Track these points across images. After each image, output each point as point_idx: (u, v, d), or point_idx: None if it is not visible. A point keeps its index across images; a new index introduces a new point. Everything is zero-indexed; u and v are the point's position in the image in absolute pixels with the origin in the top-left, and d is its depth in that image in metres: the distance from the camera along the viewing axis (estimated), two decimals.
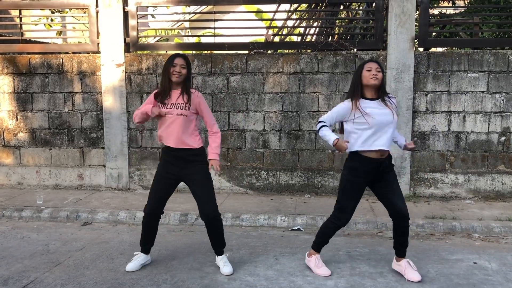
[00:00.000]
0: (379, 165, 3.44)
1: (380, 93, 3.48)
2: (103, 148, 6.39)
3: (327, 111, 5.95)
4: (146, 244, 3.86)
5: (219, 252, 3.80)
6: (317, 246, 3.75)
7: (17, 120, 6.53)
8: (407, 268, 3.57)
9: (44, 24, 8.92)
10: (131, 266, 3.75)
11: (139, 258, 3.82)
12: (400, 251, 3.64)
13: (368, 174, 3.47)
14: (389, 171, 3.52)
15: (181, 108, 3.58)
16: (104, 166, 6.41)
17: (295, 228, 4.94)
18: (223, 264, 3.73)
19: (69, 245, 4.41)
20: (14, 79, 6.47)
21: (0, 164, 6.61)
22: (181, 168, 3.69)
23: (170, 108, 3.59)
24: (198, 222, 5.06)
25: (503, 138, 5.80)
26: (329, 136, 3.45)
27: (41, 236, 4.71)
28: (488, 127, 5.80)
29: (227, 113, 6.14)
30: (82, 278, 3.60)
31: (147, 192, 6.21)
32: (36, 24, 8.25)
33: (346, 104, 3.47)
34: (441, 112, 5.84)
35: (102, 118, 6.34)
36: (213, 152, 3.74)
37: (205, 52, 6.50)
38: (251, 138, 6.15)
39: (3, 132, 6.57)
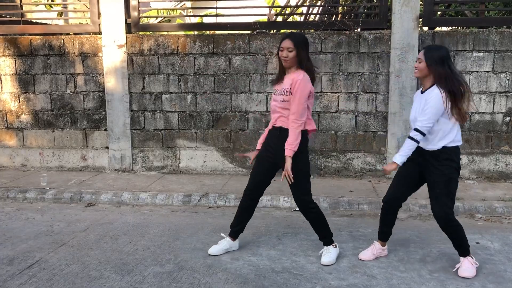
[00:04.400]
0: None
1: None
2: (105, 129, 6.39)
3: (330, 92, 5.93)
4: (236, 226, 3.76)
5: (326, 242, 3.63)
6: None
7: (19, 102, 6.52)
8: (464, 266, 3.34)
9: (45, 5, 8.84)
10: (214, 250, 3.70)
11: (224, 243, 3.74)
12: (459, 251, 3.40)
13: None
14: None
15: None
16: (107, 147, 6.42)
17: (298, 209, 4.94)
18: (325, 253, 3.58)
19: (73, 226, 4.44)
20: (15, 61, 6.44)
21: (4, 146, 6.63)
22: None
23: None
24: (201, 203, 5.08)
25: (507, 119, 5.76)
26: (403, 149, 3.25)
27: (45, 217, 4.75)
28: (493, 107, 5.76)
29: (229, 94, 6.11)
30: (86, 258, 3.64)
31: (150, 173, 6.28)
32: (37, 5, 8.18)
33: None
34: None
35: (105, 100, 6.32)
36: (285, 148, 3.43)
37: (207, 32, 6.43)
38: (254, 119, 6.12)
39: (6, 114, 6.57)
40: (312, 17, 8.06)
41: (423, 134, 3.20)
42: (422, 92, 3.32)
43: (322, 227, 3.63)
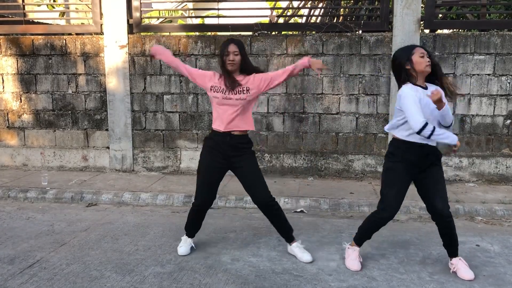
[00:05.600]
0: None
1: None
2: (107, 130, 6.40)
3: (331, 94, 5.94)
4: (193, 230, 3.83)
5: (289, 238, 3.72)
6: None
7: (21, 101, 6.53)
8: (461, 268, 3.34)
9: (47, 5, 8.86)
10: (184, 250, 3.73)
11: (188, 241, 3.79)
12: (450, 252, 3.39)
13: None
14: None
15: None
16: (108, 148, 6.43)
17: (298, 210, 4.96)
18: (300, 251, 3.65)
19: (74, 225, 4.45)
20: (17, 60, 6.46)
21: (5, 146, 6.64)
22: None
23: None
24: None
25: (508, 121, 5.76)
26: (447, 133, 3.15)
27: (46, 216, 4.76)
28: (494, 110, 5.76)
29: None
30: (87, 258, 3.64)
31: (151, 174, 6.29)
32: (39, 5, 8.20)
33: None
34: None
35: (106, 100, 6.33)
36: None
37: (209, 33, 6.45)
38: (255, 120, 6.13)
39: (8, 114, 6.58)
40: (313, 19, 8.07)
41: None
42: (425, 88, 3.26)
43: (286, 223, 3.69)
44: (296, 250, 3.67)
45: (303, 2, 8.53)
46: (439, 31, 6.45)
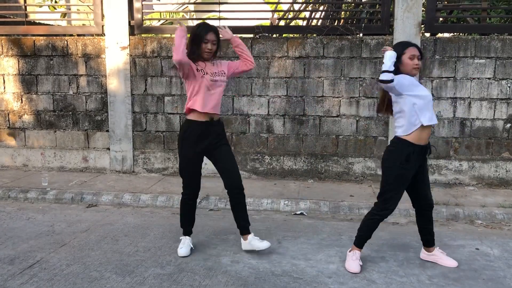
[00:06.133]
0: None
1: None
2: (107, 131, 6.41)
3: (332, 96, 5.95)
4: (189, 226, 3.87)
5: (247, 229, 3.77)
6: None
7: (22, 102, 6.54)
8: (443, 257, 3.59)
9: (49, 6, 8.88)
10: (184, 251, 3.73)
11: (187, 241, 3.80)
12: (430, 241, 3.61)
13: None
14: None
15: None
16: (108, 149, 6.44)
17: (298, 212, 4.96)
18: (258, 241, 3.71)
19: (74, 226, 4.46)
20: (18, 61, 6.47)
21: (6, 146, 6.65)
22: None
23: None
24: (201, 205, 5.09)
25: (508, 125, 5.77)
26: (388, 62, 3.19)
27: (46, 217, 4.76)
28: (494, 114, 5.77)
29: (231, 97, 6.13)
30: (87, 259, 3.65)
31: (151, 175, 6.29)
32: (41, 6, 8.22)
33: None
34: (446, 98, 5.81)
35: (107, 101, 6.34)
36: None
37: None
38: (255, 122, 6.14)
39: (8, 114, 6.59)
40: (314, 22, 8.08)
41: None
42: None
43: (247, 213, 3.79)
44: (254, 241, 3.72)
45: (304, 5, 8.55)
46: (439, 35, 6.47)
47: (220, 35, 3.69)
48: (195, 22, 9.56)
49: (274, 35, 6.23)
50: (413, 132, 3.29)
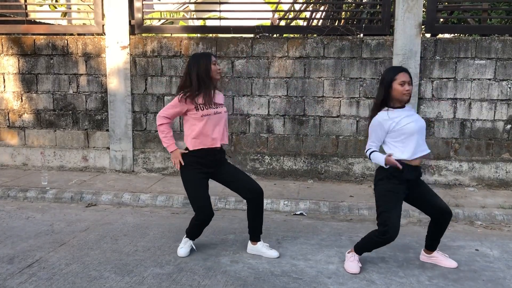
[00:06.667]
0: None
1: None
2: (107, 130, 6.41)
3: (332, 97, 5.95)
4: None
5: (258, 237, 3.77)
6: None
7: (22, 101, 6.54)
8: (443, 258, 3.61)
9: (49, 5, 8.87)
10: (184, 251, 3.72)
11: (189, 242, 3.78)
12: (434, 245, 3.62)
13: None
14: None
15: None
16: (108, 148, 6.43)
17: (298, 212, 4.96)
18: (267, 248, 3.74)
19: (74, 225, 4.45)
20: (19, 60, 6.46)
21: (5, 145, 6.64)
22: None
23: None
24: None
25: (508, 126, 5.77)
26: (378, 158, 3.28)
27: (46, 216, 4.76)
28: (494, 115, 5.77)
29: (231, 97, 6.13)
30: (86, 258, 3.64)
31: (151, 175, 6.29)
32: (41, 5, 8.21)
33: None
34: (446, 99, 5.80)
35: (107, 101, 6.34)
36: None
37: (210, 35, 6.46)
38: (255, 122, 6.14)
39: (8, 113, 6.59)
40: (315, 22, 8.08)
41: None
42: (403, 107, 3.35)
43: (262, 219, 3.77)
44: (264, 248, 3.73)
45: (305, 5, 8.55)
46: (440, 36, 6.46)
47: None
48: (196, 22, 9.55)
49: (275, 35, 6.22)
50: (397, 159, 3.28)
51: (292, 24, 7.71)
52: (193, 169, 3.58)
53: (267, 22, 6.72)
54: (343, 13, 7.59)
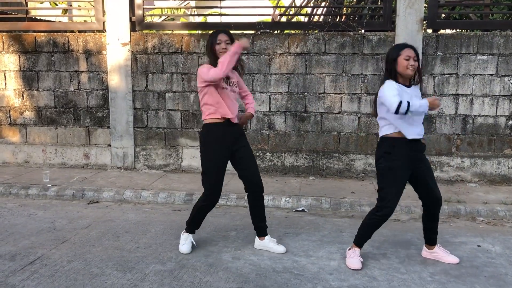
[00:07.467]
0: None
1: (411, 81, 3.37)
2: (108, 127, 6.41)
3: (333, 93, 5.93)
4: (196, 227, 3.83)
5: (265, 231, 3.78)
6: None
7: (23, 98, 6.54)
8: (444, 254, 3.59)
9: (50, 2, 8.86)
10: (186, 248, 3.71)
11: (190, 238, 3.76)
12: (433, 239, 3.59)
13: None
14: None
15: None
16: (109, 145, 6.43)
17: (299, 209, 4.96)
18: (274, 244, 3.74)
19: (75, 223, 4.46)
20: (19, 57, 6.46)
21: (7, 142, 6.65)
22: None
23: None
24: None
25: (510, 122, 5.75)
26: (419, 102, 3.12)
27: (48, 213, 4.76)
28: (496, 111, 5.75)
29: None
30: (88, 255, 3.65)
31: (153, 171, 6.29)
32: (42, 2, 8.20)
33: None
34: (448, 95, 5.79)
35: (108, 98, 6.33)
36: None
37: (211, 31, 6.43)
38: (257, 119, 6.13)
39: (10, 111, 6.59)
40: (316, 18, 8.06)
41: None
42: (408, 87, 3.34)
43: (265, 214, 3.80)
44: (271, 244, 3.74)
45: (306, 1, 8.53)
46: (442, 31, 6.44)
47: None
48: (196, 19, 9.53)
49: (276, 31, 6.20)
50: (395, 132, 3.32)
51: (293, 20, 7.70)
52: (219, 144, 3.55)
53: (268, 19, 6.71)
54: (344, 9, 7.57)
